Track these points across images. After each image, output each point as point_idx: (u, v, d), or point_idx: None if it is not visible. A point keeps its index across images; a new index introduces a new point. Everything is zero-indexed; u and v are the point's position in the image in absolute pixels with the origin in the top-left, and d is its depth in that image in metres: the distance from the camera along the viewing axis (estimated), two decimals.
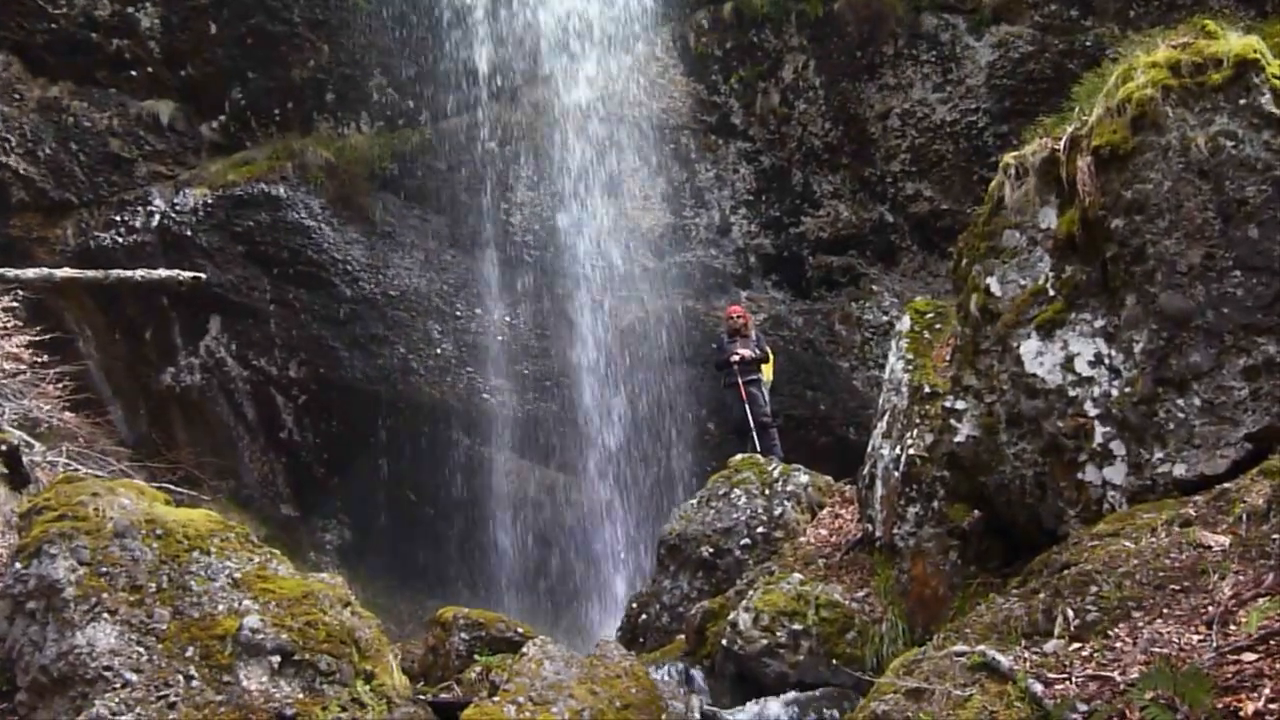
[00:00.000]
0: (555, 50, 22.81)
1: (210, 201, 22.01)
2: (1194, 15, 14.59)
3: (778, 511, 14.82)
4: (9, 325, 16.52)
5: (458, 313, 22.49)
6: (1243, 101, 8.95)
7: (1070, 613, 7.15)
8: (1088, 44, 19.70)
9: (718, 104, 22.42)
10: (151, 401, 23.03)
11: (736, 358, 19.56)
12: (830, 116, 21.86)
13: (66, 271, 19.22)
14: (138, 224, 22.08)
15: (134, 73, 22.23)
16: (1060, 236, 9.69)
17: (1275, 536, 6.97)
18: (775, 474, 15.58)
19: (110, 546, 8.55)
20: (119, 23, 21.98)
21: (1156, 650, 6.33)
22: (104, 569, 8.42)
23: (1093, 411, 9.11)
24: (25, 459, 12.84)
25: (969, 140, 21.10)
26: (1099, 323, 9.25)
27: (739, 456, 16.71)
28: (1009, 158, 10.57)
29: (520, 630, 11.69)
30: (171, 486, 16.93)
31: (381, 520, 22.85)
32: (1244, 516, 7.44)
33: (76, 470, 14.43)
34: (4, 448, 12.30)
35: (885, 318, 21.79)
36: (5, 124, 21.80)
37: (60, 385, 17.20)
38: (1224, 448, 8.49)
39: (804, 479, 15.42)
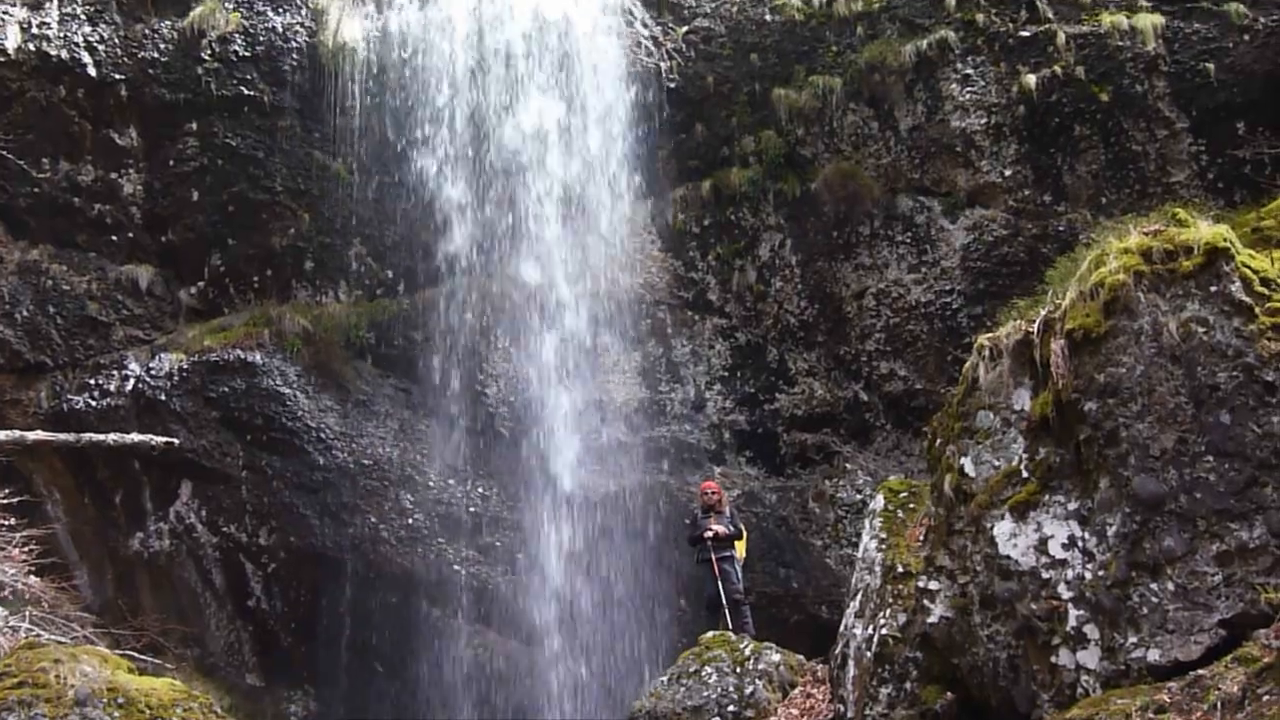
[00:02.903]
0: (534, 223, 22.97)
1: (185, 367, 21.99)
2: (1165, 203, 14.90)
3: (749, 690, 14.69)
4: None
5: (430, 483, 22.38)
6: (1214, 289, 9.07)
7: None
8: (1060, 228, 19.94)
9: (695, 280, 22.59)
10: (118, 566, 22.76)
11: (710, 534, 19.44)
12: (806, 295, 22.03)
13: (39, 434, 19.20)
14: (112, 388, 22.03)
15: (115, 237, 22.36)
16: (1034, 418, 9.75)
17: None
18: (747, 652, 15.48)
19: (70, 716, 8.43)
20: (101, 188, 22.18)
21: None
22: None
23: (1066, 594, 9.09)
24: None
25: (943, 321, 21.24)
26: (1072, 505, 9.27)
27: (710, 634, 16.61)
28: (983, 339, 10.68)
29: None
30: (135, 654, 16.76)
31: (346, 691, 22.50)
32: (1219, 704, 7.39)
33: (39, 636, 14.29)
34: None
35: (859, 496, 21.70)
36: None
37: (26, 549, 17.06)
38: (1198, 633, 8.46)
39: (776, 657, 15.32)
